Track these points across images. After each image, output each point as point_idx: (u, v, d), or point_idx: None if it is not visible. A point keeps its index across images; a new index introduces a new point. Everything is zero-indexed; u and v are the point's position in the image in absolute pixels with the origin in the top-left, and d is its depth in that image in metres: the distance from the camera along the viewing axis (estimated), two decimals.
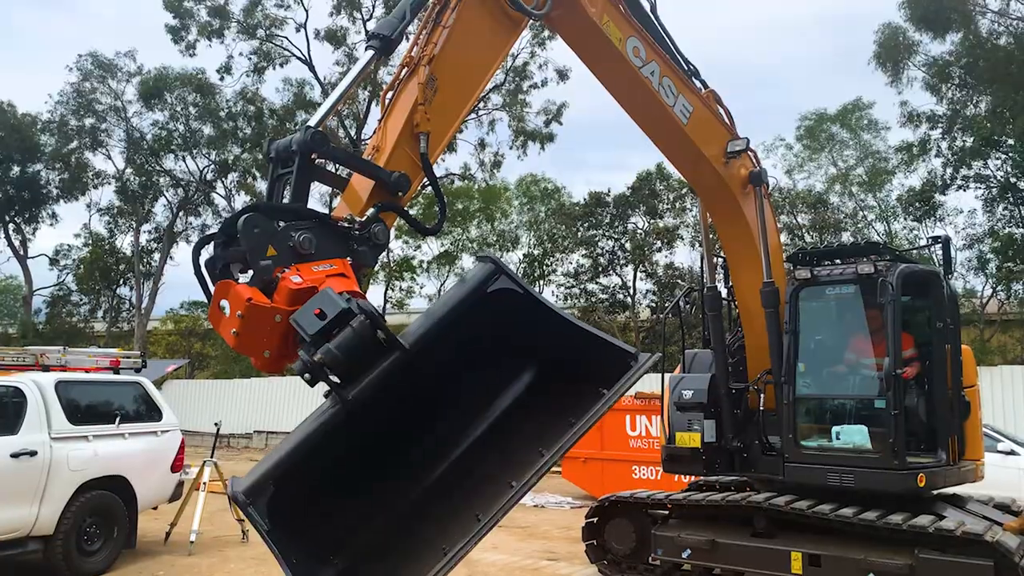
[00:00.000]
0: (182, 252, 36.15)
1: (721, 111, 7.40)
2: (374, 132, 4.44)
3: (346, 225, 3.76)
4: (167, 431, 9.26)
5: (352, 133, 30.87)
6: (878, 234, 26.82)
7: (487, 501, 3.22)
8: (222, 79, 32.15)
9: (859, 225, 28.18)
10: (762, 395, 7.70)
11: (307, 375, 3.06)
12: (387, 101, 4.42)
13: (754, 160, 7.65)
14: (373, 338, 3.13)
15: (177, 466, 9.29)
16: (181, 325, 37.92)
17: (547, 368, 3.62)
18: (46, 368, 8.58)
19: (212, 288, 3.52)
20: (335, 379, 3.12)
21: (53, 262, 36.85)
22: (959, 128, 24.94)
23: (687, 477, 9.58)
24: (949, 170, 25.23)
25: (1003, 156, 24.49)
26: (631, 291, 31.00)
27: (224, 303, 3.39)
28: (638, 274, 30.93)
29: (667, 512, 8.20)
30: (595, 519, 8.42)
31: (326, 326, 3.08)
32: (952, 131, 25.12)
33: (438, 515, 3.38)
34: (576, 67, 29.42)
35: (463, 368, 3.59)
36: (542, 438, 3.35)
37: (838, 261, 7.78)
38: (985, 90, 24.24)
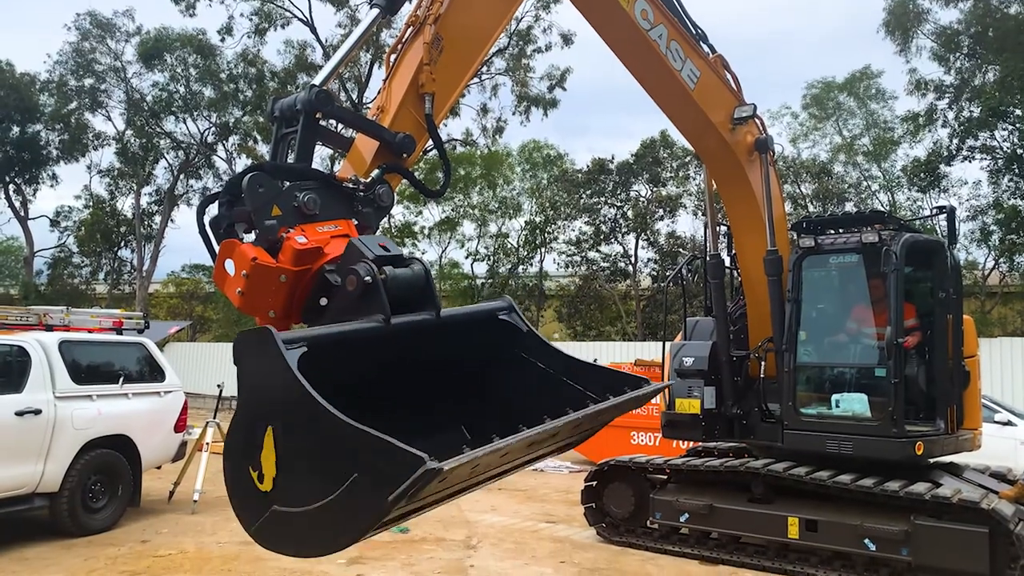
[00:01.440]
0: (183, 215, 36.08)
1: (728, 77, 7.33)
2: (378, 92, 4.40)
3: (350, 186, 3.74)
4: (170, 392, 9.32)
5: (354, 96, 30.60)
6: (882, 204, 26.72)
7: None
8: (223, 40, 31.80)
9: (863, 195, 28.07)
10: (763, 363, 7.75)
11: (368, 279, 3.08)
12: (392, 62, 4.38)
13: (760, 127, 7.60)
14: (423, 288, 3.25)
15: (180, 426, 9.37)
16: (183, 288, 38.02)
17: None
18: (49, 328, 8.61)
19: (216, 248, 3.52)
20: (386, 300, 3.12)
21: (54, 224, 36.85)
22: (966, 98, 24.71)
23: (685, 443, 9.67)
24: (955, 141, 25.05)
25: (1010, 127, 24.30)
26: (633, 259, 31.00)
27: (229, 263, 3.38)
28: (640, 242, 30.91)
29: (665, 477, 8.29)
30: (594, 483, 8.51)
31: (387, 257, 3.18)
32: (959, 101, 24.90)
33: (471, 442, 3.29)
34: (581, 31, 29.12)
35: (479, 364, 3.60)
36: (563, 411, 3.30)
37: (842, 230, 7.77)
38: (994, 59, 23.94)
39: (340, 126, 4.26)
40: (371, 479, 2.41)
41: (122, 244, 36.80)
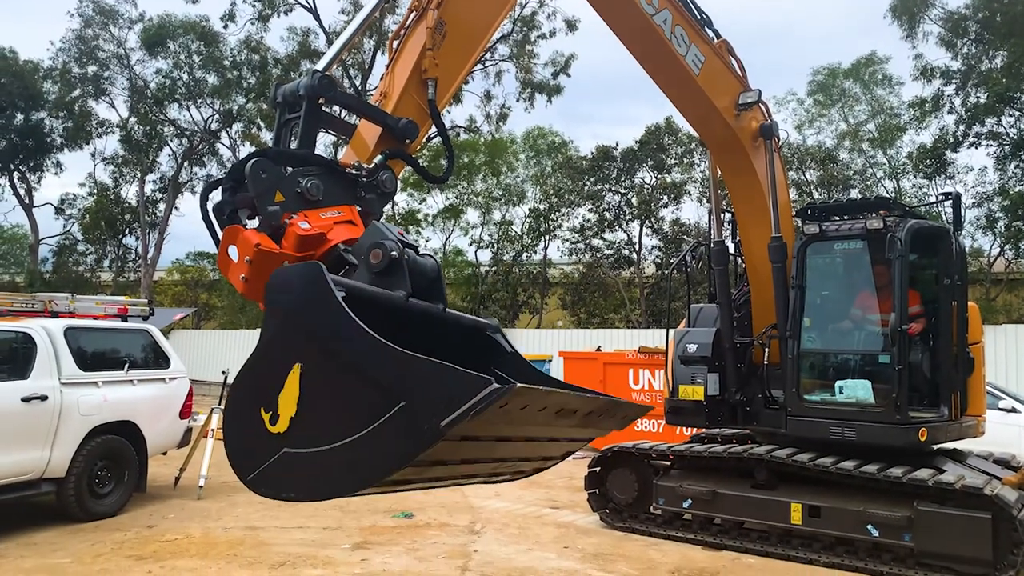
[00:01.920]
0: (187, 203, 36.12)
1: (733, 62, 7.29)
2: (381, 78, 4.39)
3: (354, 172, 3.73)
4: (175, 378, 9.35)
5: (357, 83, 30.50)
6: (887, 191, 26.61)
7: None
8: (226, 27, 31.73)
9: (868, 182, 27.95)
10: (766, 349, 7.74)
11: (395, 253, 3.13)
12: (395, 48, 4.36)
13: (765, 113, 7.57)
14: (434, 280, 3.31)
15: (185, 413, 9.41)
16: (187, 276, 38.08)
17: None
18: (55, 315, 8.64)
19: (220, 234, 3.52)
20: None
21: (58, 211, 36.91)
22: (973, 84, 24.54)
23: (688, 430, 9.69)
24: (961, 127, 24.90)
25: (1017, 113, 24.15)
26: (637, 247, 30.95)
27: (232, 249, 3.39)
28: (644, 230, 30.83)
29: (669, 463, 8.31)
30: (597, 469, 8.53)
31: (407, 242, 3.24)
32: (966, 87, 24.73)
33: None
34: (585, 17, 28.99)
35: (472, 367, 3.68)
36: None
37: (846, 216, 7.74)
38: (1001, 45, 23.76)
39: (343, 112, 4.26)
40: (424, 406, 2.38)
41: (126, 232, 36.88)
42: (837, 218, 7.76)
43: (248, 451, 2.68)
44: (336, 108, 4.11)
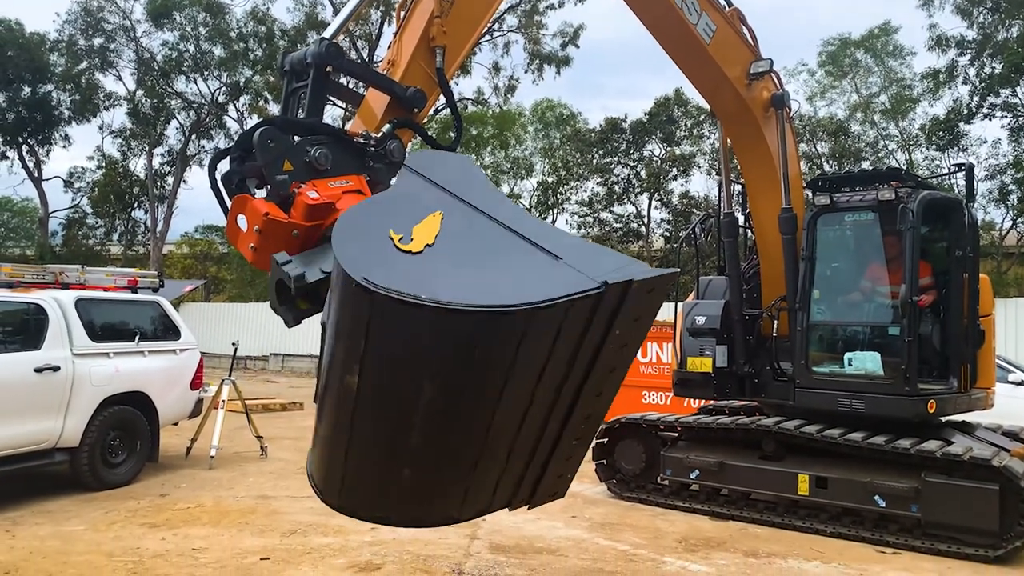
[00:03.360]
0: (195, 176, 36.06)
1: (745, 31, 7.19)
2: (389, 47, 4.35)
3: (362, 141, 3.72)
4: (186, 350, 9.41)
5: (364, 55, 30.28)
6: (899, 164, 26.35)
7: None
8: None
9: (880, 154, 27.69)
10: (775, 321, 7.73)
11: None
12: (402, 16, 4.32)
13: (777, 83, 7.48)
14: None
15: (196, 384, 9.47)
16: (196, 248, 38.18)
17: None
18: (65, 286, 8.68)
19: (229, 203, 3.52)
20: None
21: (68, 184, 36.96)
22: (988, 54, 24.18)
23: (696, 402, 9.71)
24: (976, 98, 24.58)
25: None
26: (646, 220, 30.82)
27: (241, 218, 3.39)
28: (653, 203, 30.70)
29: (676, 435, 8.34)
30: (605, 440, 8.57)
31: None
32: (981, 57, 24.37)
33: None
34: None
35: None
36: None
37: (858, 188, 7.67)
38: (1018, 14, 23.36)
39: (351, 82, 4.23)
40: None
41: (135, 205, 36.91)
42: (848, 189, 7.69)
43: (374, 259, 2.46)
44: (345, 79, 4.09)
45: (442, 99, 4.34)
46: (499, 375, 2.52)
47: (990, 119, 24.74)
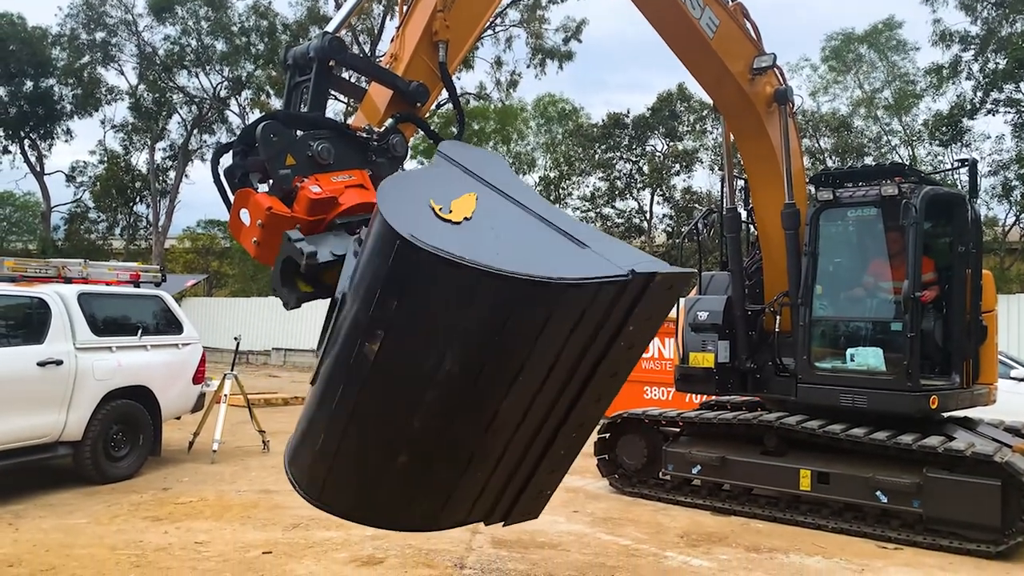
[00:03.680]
0: (197, 170, 36.09)
1: (748, 25, 7.18)
2: (391, 41, 4.34)
3: (364, 136, 3.72)
4: (188, 344, 9.42)
5: (366, 50, 30.24)
6: (902, 159, 26.30)
7: None
8: None
9: (883, 150, 27.64)
10: (778, 317, 7.72)
11: None
12: (405, 10, 4.31)
13: (780, 77, 7.47)
14: None
15: (199, 378, 9.49)
16: (198, 243, 38.21)
17: None
18: (68, 280, 8.68)
19: (231, 197, 3.52)
20: None
21: (69, 179, 36.96)
22: (992, 49, 24.10)
23: (698, 397, 9.71)
24: (979, 93, 24.52)
25: None
26: (648, 215, 30.79)
27: (244, 212, 3.39)
28: (655, 198, 30.66)
29: (678, 430, 8.35)
30: (607, 435, 8.58)
31: None
32: (985, 52, 24.30)
33: None
34: None
35: None
36: None
37: (861, 183, 7.66)
38: (1022, 9, 23.28)
39: (354, 76, 4.22)
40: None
41: (137, 199, 36.94)
42: (851, 185, 7.67)
43: (416, 223, 2.46)
44: (347, 74, 4.08)
45: (444, 94, 4.33)
46: (521, 352, 2.55)
47: (994, 115, 24.71)
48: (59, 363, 7.70)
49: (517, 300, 2.39)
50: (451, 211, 2.55)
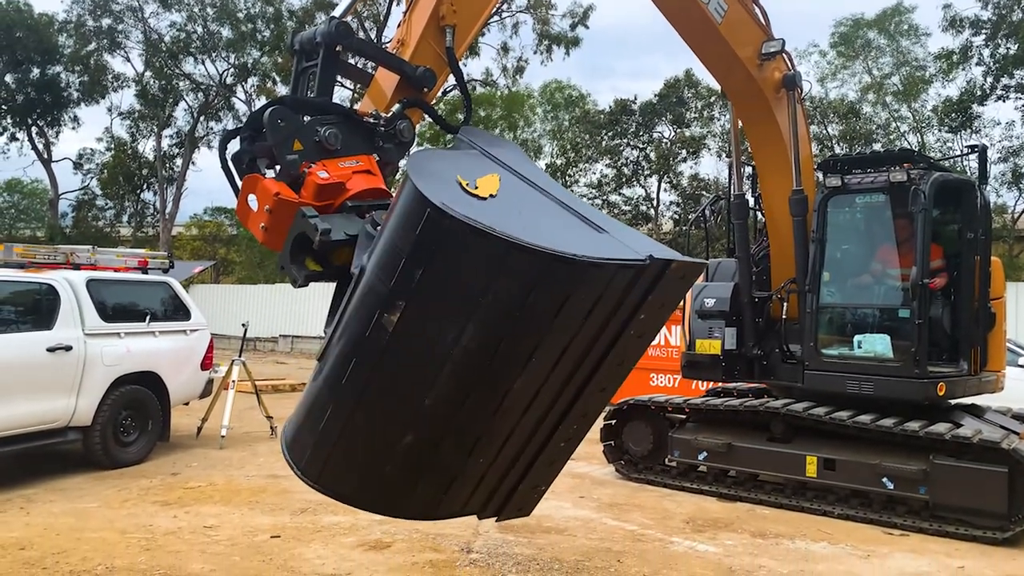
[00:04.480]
0: (204, 157, 36.11)
1: (756, 10, 7.12)
2: (398, 26, 4.33)
3: (372, 121, 3.71)
4: (196, 330, 9.46)
5: (372, 36, 30.15)
6: (911, 146, 26.14)
7: None
8: None
9: (891, 136, 27.47)
10: (785, 304, 7.71)
11: None
12: None
13: (788, 63, 7.42)
14: None
15: (207, 364, 9.54)
16: (205, 230, 38.30)
17: None
18: (76, 267, 8.72)
19: (239, 183, 3.52)
20: None
21: (77, 166, 37.10)
22: (1003, 35, 23.88)
23: (704, 384, 9.71)
24: (989, 79, 24.32)
25: None
26: (655, 202, 30.70)
27: (252, 198, 3.39)
28: (662, 185, 30.55)
29: (684, 416, 8.36)
30: (613, 421, 8.59)
31: None
32: (996, 37, 24.07)
33: None
34: None
35: None
36: None
37: (869, 169, 7.62)
38: None
39: (361, 61, 4.21)
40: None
41: (144, 187, 37.02)
42: (859, 171, 7.63)
43: (448, 195, 2.50)
44: (354, 59, 4.07)
45: (451, 79, 4.32)
46: (537, 332, 2.58)
47: (1004, 100, 24.53)
48: (68, 349, 7.75)
49: (541, 275, 2.42)
50: (477, 187, 2.61)
